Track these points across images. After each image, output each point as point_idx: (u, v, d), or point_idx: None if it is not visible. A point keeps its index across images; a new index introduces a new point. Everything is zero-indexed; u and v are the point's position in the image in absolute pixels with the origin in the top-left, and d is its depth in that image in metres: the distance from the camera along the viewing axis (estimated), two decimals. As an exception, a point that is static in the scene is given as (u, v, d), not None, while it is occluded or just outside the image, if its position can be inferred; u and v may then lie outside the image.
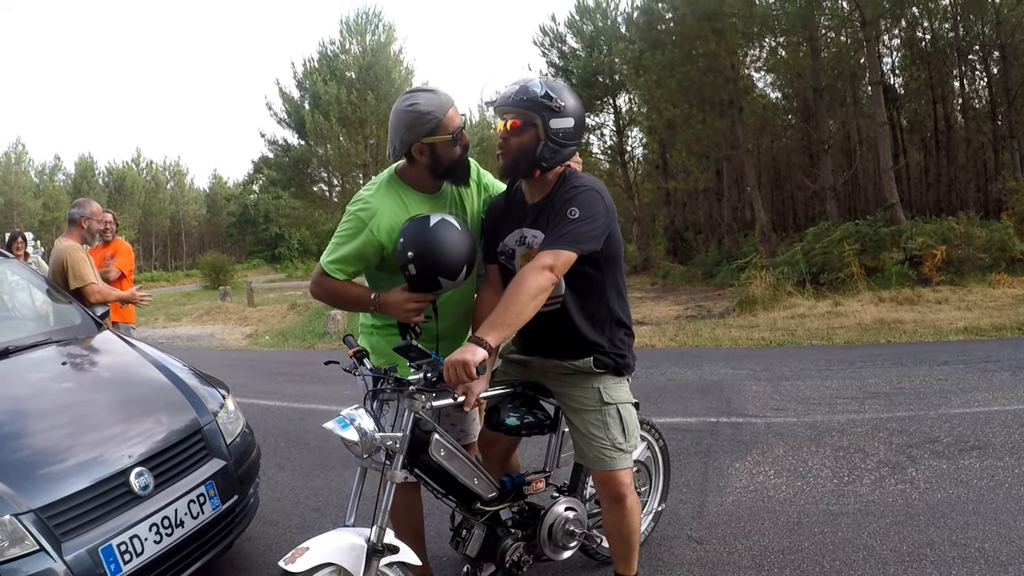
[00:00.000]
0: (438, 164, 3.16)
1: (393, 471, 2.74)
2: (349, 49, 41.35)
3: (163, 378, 4.14)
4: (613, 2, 38.47)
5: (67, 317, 4.93)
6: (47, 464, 3.11)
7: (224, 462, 3.76)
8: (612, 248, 3.05)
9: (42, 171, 74.29)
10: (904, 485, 4.90)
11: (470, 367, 2.57)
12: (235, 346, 16.47)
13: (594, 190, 2.97)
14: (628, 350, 3.24)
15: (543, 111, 2.90)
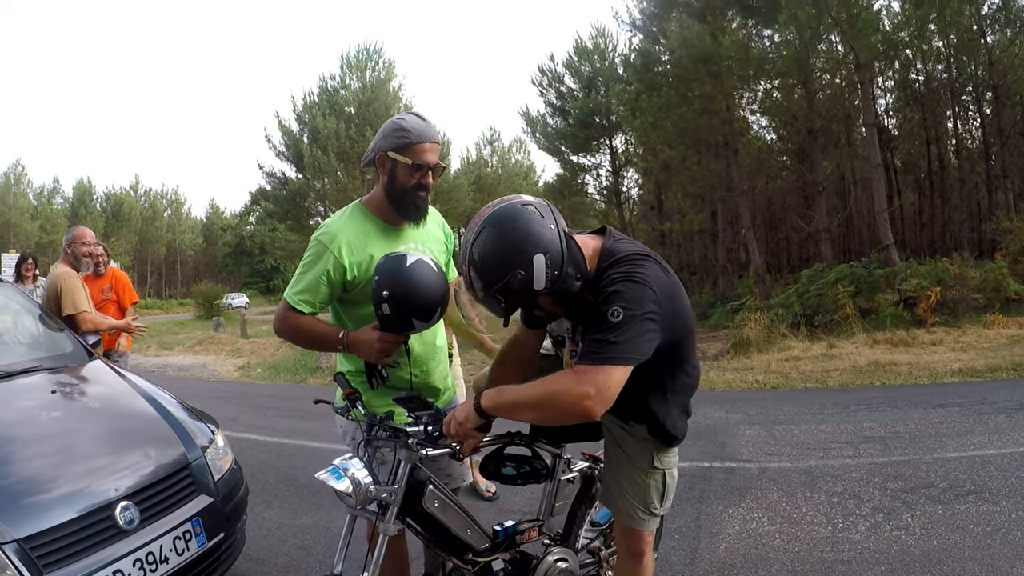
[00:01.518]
0: (392, 184, 3.08)
1: (387, 523, 2.67)
2: (349, 84, 41.59)
3: (152, 411, 4.10)
4: (611, 44, 38.76)
5: (58, 345, 4.90)
6: (32, 493, 3.06)
7: (211, 499, 3.70)
8: (677, 332, 2.59)
9: (40, 193, 74.61)
10: (899, 531, 4.85)
11: (466, 427, 2.59)
12: (227, 377, 16.39)
13: (641, 281, 2.41)
14: (683, 424, 2.93)
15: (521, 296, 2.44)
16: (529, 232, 2.38)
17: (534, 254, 2.35)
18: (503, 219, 2.42)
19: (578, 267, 2.48)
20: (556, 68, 39.72)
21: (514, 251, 2.36)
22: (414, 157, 3.01)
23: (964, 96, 29.50)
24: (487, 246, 2.39)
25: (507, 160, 60.10)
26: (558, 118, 39.71)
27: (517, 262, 2.35)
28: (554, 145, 39.38)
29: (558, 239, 2.42)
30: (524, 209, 2.43)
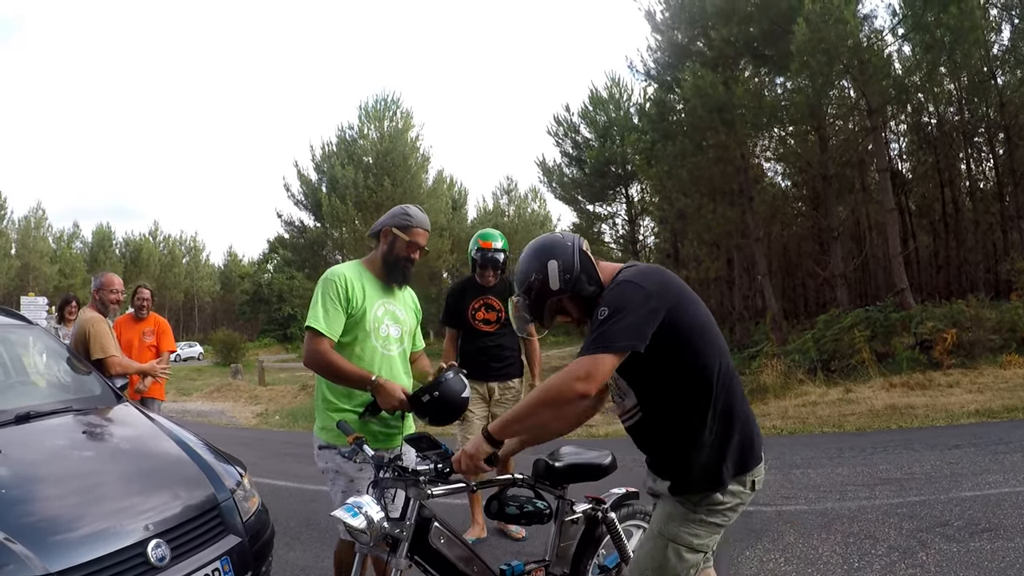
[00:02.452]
0: (389, 253, 3.93)
1: (399, 559, 2.85)
2: (367, 134, 41.99)
3: (181, 452, 4.22)
4: (625, 93, 39.12)
5: (87, 387, 5.05)
6: (67, 530, 3.16)
7: (240, 538, 3.79)
8: (680, 343, 2.68)
9: (60, 237, 75.42)
10: (915, 570, 4.90)
11: (477, 460, 2.79)
12: (245, 424, 16.49)
13: (628, 281, 2.70)
14: (718, 481, 2.75)
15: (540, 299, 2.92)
16: (545, 246, 2.92)
17: (548, 260, 2.85)
18: (533, 242, 3.02)
19: (590, 275, 2.86)
20: (572, 118, 40.07)
21: (534, 259, 2.90)
22: (411, 236, 3.91)
23: (976, 137, 29.63)
24: (520, 261, 2.97)
25: (524, 209, 60.39)
26: (574, 167, 39.96)
27: (536, 267, 2.87)
28: (570, 194, 39.64)
29: (571, 252, 2.87)
30: (546, 235, 3.02)
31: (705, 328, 2.77)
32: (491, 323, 6.14)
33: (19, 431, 3.95)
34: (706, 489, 2.75)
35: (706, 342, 2.74)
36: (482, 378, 6.12)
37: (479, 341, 6.17)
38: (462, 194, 56.78)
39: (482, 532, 6.07)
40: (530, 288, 2.89)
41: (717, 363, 2.73)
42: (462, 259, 48.51)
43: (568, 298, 2.88)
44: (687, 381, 2.72)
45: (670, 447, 2.84)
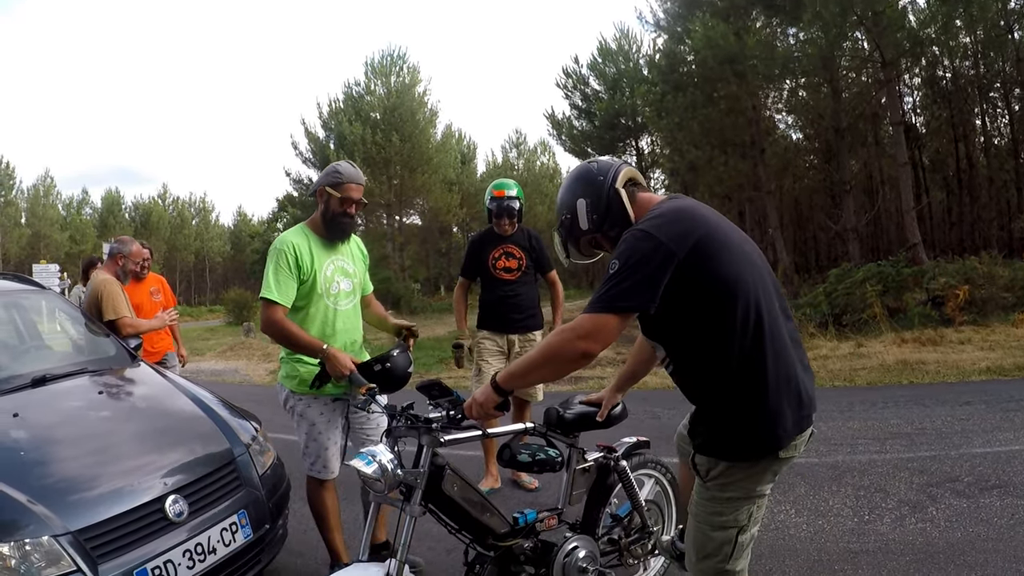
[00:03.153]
0: (326, 212, 4.17)
1: (412, 506, 2.88)
2: (374, 90, 41.80)
3: (197, 409, 4.28)
4: (635, 45, 38.85)
5: (102, 348, 5.09)
6: (84, 489, 3.22)
7: (256, 492, 3.87)
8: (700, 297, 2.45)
9: (69, 204, 75.21)
10: (924, 524, 4.94)
11: (487, 408, 2.76)
12: (259, 382, 16.59)
13: (643, 232, 2.46)
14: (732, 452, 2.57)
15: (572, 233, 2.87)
16: (578, 180, 2.85)
17: (578, 199, 2.78)
18: (569, 173, 3.01)
19: (619, 217, 2.73)
20: (581, 70, 39.91)
21: (567, 194, 2.86)
22: (343, 192, 4.12)
23: (992, 93, 29.25)
24: (559, 192, 2.94)
25: (533, 162, 60.11)
26: (583, 120, 39.81)
27: (567, 204, 2.83)
28: (580, 147, 39.48)
29: (603, 191, 2.75)
30: (585, 165, 2.91)
31: (731, 277, 2.46)
32: (512, 271, 6.09)
33: (36, 394, 4.00)
34: (715, 456, 2.59)
35: (730, 291, 2.45)
36: (501, 330, 6.12)
37: (499, 290, 6.11)
38: (471, 148, 56.46)
39: (496, 482, 6.12)
40: (562, 224, 2.87)
41: (740, 320, 2.45)
42: (471, 213, 48.61)
43: (601, 235, 2.80)
44: (702, 336, 2.50)
45: (696, 403, 2.70)
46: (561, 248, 2.96)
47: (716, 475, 2.60)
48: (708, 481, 2.63)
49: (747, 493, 2.60)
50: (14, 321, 5.23)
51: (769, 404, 2.49)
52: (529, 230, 6.29)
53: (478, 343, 6.20)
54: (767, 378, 2.48)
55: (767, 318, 2.50)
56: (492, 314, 6.10)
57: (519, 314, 6.12)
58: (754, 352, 2.47)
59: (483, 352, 6.13)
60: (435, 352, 19.18)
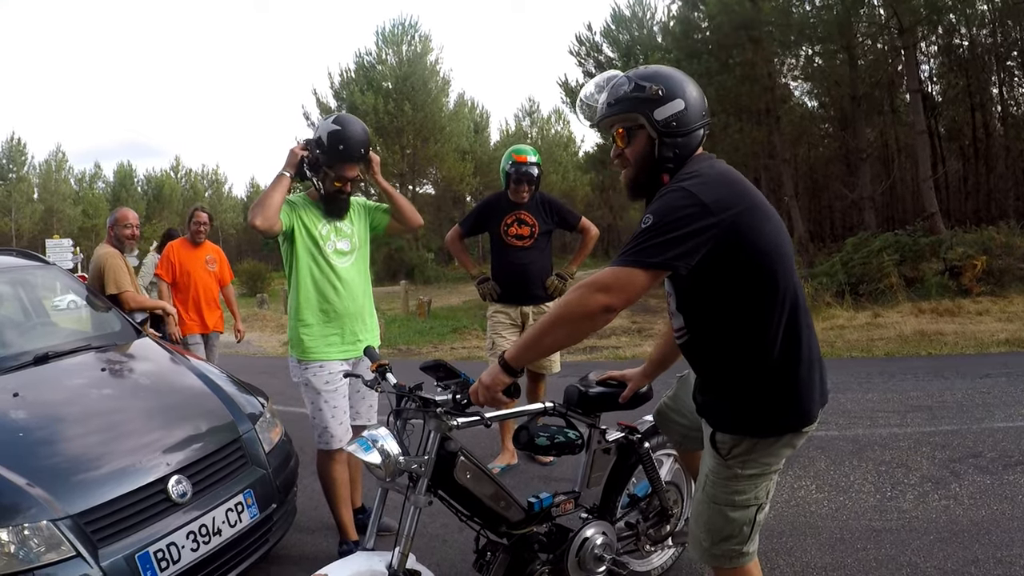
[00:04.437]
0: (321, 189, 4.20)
1: (417, 495, 2.71)
2: (385, 59, 41.73)
3: (202, 385, 4.20)
4: (649, 12, 38.56)
5: (106, 324, 5.01)
6: (84, 470, 3.15)
7: (263, 470, 3.80)
8: (737, 267, 2.31)
9: (82, 178, 75.21)
10: (948, 501, 4.83)
11: (494, 391, 2.53)
12: (272, 353, 16.57)
13: (683, 189, 2.28)
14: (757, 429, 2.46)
15: (641, 106, 2.43)
16: (688, 81, 2.48)
17: (677, 96, 2.42)
18: (683, 73, 2.55)
19: (684, 149, 2.46)
20: (594, 37, 39.64)
21: (667, 78, 2.46)
22: (337, 172, 4.10)
23: (1009, 61, 28.86)
24: (645, 68, 2.55)
25: (547, 131, 59.91)
26: (611, 75, 39.46)
27: (658, 83, 2.43)
28: (593, 115, 39.18)
29: (700, 111, 2.47)
30: None
31: (772, 250, 2.34)
32: (524, 238, 5.85)
33: (38, 372, 3.92)
34: (742, 433, 2.47)
35: (772, 266, 2.33)
36: (514, 301, 5.92)
37: (511, 256, 5.87)
38: (484, 117, 56.36)
39: (513, 458, 5.97)
40: (639, 91, 2.44)
41: (782, 293, 2.35)
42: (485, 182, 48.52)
43: (642, 142, 2.49)
44: (741, 310, 2.37)
45: (716, 379, 2.56)
46: (590, 111, 2.66)
47: (739, 452, 2.48)
48: (729, 459, 2.50)
49: (766, 469, 2.51)
50: (19, 298, 5.16)
51: (803, 377, 2.42)
52: (543, 195, 6.05)
53: (490, 317, 6.03)
54: (801, 351, 2.41)
55: (799, 290, 2.44)
56: (504, 284, 5.90)
57: (532, 285, 5.90)
58: (792, 325, 2.39)
59: (496, 326, 5.95)
60: (449, 322, 19.18)
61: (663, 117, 2.41)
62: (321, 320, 4.17)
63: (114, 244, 6.46)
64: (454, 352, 14.06)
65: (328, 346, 4.17)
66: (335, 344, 4.19)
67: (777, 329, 2.37)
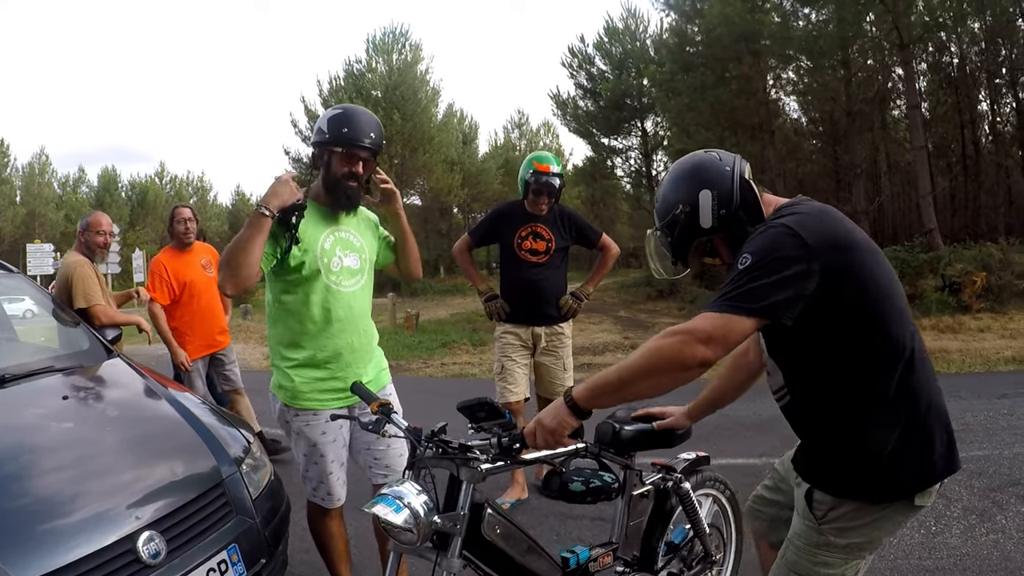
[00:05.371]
0: (328, 176, 3.36)
1: (451, 559, 2.28)
2: (375, 68, 41.58)
3: (179, 418, 3.60)
4: (642, 25, 38.55)
5: (74, 341, 4.47)
6: (39, 524, 2.58)
7: (249, 520, 3.21)
8: (846, 312, 2.05)
9: (65, 182, 74.38)
10: (996, 535, 4.52)
11: (560, 436, 2.20)
12: (256, 366, 16.07)
13: (784, 226, 2.04)
14: (873, 478, 2.13)
15: (688, 233, 2.32)
16: (699, 170, 2.32)
17: (700, 190, 2.27)
18: (681, 162, 2.42)
19: (752, 211, 2.26)
20: (587, 49, 39.76)
21: (682, 185, 2.32)
22: (348, 149, 3.28)
23: (998, 79, 28.94)
24: (662, 187, 2.41)
25: (536, 144, 59.83)
26: (588, 100, 39.74)
27: (684, 196, 2.29)
28: (585, 127, 39.34)
29: (730, 180, 2.27)
30: (703, 153, 2.40)
31: (885, 293, 2.11)
32: (539, 254, 5.44)
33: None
34: (845, 495, 2.17)
35: (884, 312, 2.09)
36: (525, 321, 5.50)
37: (524, 273, 5.44)
38: (473, 128, 56.07)
39: (523, 492, 5.50)
40: (674, 223, 2.31)
41: (895, 342, 2.09)
42: (472, 194, 48.36)
43: (721, 238, 2.30)
44: (850, 365, 2.10)
45: (823, 442, 2.25)
46: (662, 255, 2.45)
47: (837, 517, 2.17)
48: (824, 523, 2.19)
49: (863, 542, 2.20)
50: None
51: (920, 436, 2.12)
52: (562, 207, 5.65)
53: (499, 338, 5.60)
54: (919, 406, 2.12)
55: (916, 339, 2.16)
56: (515, 302, 5.49)
57: (546, 304, 5.50)
58: (907, 378, 2.10)
59: (505, 348, 5.52)
60: (438, 336, 18.78)
61: (709, 219, 2.27)
62: (318, 358, 3.40)
63: (84, 252, 5.86)
64: (445, 368, 13.66)
65: (325, 392, 3.42)
66: (335, 390, 3.43)
67: (890, 384, 2.09)
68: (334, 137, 3.27)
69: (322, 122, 3.35)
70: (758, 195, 2.29)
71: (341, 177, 3.32)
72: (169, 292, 6.33)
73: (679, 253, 2.38)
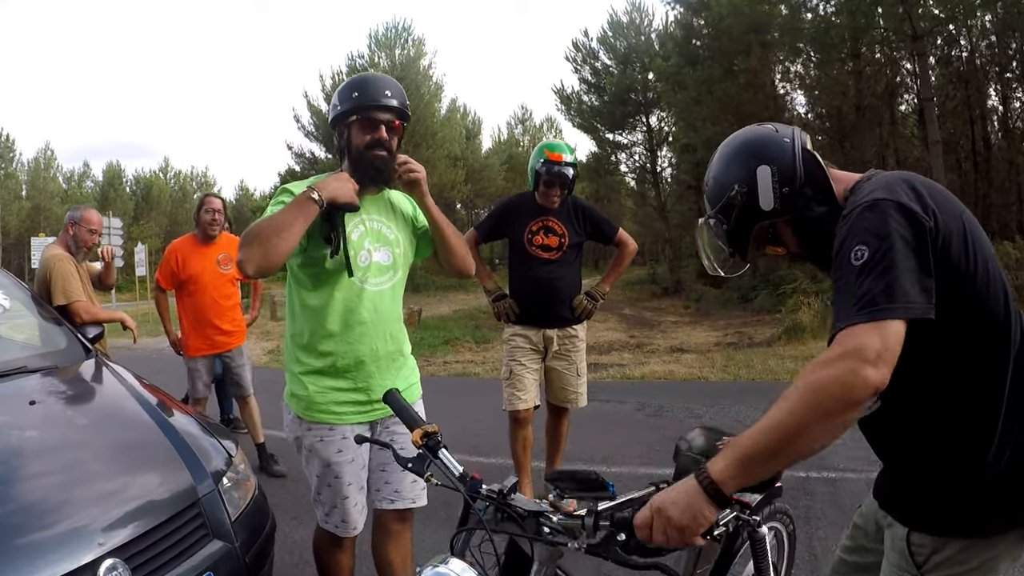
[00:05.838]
0: (350, 149, 2.94)
1: None
2: (378, 63, 41.32)
3: (154, 426, 3.26)
4: (646, 19, 38.29)
5: (50, 340, 4.13)
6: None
7: (228, 545, 2.85)
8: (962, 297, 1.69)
9: (70, 177, 74.39)
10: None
11: (693, 534, 1.59)
12: (255, 363, 15.63)
13: (894, 203, 1.65)
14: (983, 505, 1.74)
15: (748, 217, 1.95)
16: (754, 144, 1.98)
17: (758, 165, 1.92)
18: (731, 139, 2.07)
19: (819, 188, 1.90)
20: (591, 44, 39.47)
21: (735, 163, 1.99)
22: (370, 114, 2.87)
23: (1008, 73, 28.50)
24: (713, 166, 2.06)
25: (539, 139, 59.55)
26: (593, 95, 39.51)
27: (738, 175, 1.95)
28: (589, 122, 39.03)
29: (791, 154, 1.91)
30: (756, 126, 2.06)
31: (992, 273, 1.73)
32: (551, 250, 5.05)
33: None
34: (951, 532, 1.77)
35: (996, 295, 1.72)
36: (536, 323, 5.10)
37: (535, 271, 5.05)
38: (476, 124, 55.95)
39: None
40: (729, 207, 1.95)
41: (1011, 333, 1.73)
42: (475, 190, 48.11)
43: (785, 222, 1.94)
44: (958, 361, 1.73)
45: (916, 461, 1.85)
46: (716, 248, 2.07)
47: (943, 560, 1.77)
48: (927, 569, 1.79)
49: None
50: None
51: None
52: (576, 200, 5.26)
53: (508, 340, 5.22)
54: None
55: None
56: (526, 303, 5.11)
57: (558, 304, 5.10)
58: (1021, 375, 1.73)
59: (514, 352, 5.12)
60: (440, 332, 18.46)
61: (770, 200, 1.91)
62: (338, 366, 2.95)
63: (68, 246, 5.55)
64: (448, 367, 13.29)
65: (344, 404, 2.98)
66: (356, 402, 3.00)
67: (1004, 384, 1.71)
68: (348, 105, 2.86)
69: (334, 99, 2.95)
70: (824, 168, 1.94)
71: (365, 148, 2.87)
72: (170, 280, 6.19)
73: (738, 242, 2.01)
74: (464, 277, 3.39)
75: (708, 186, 2.06)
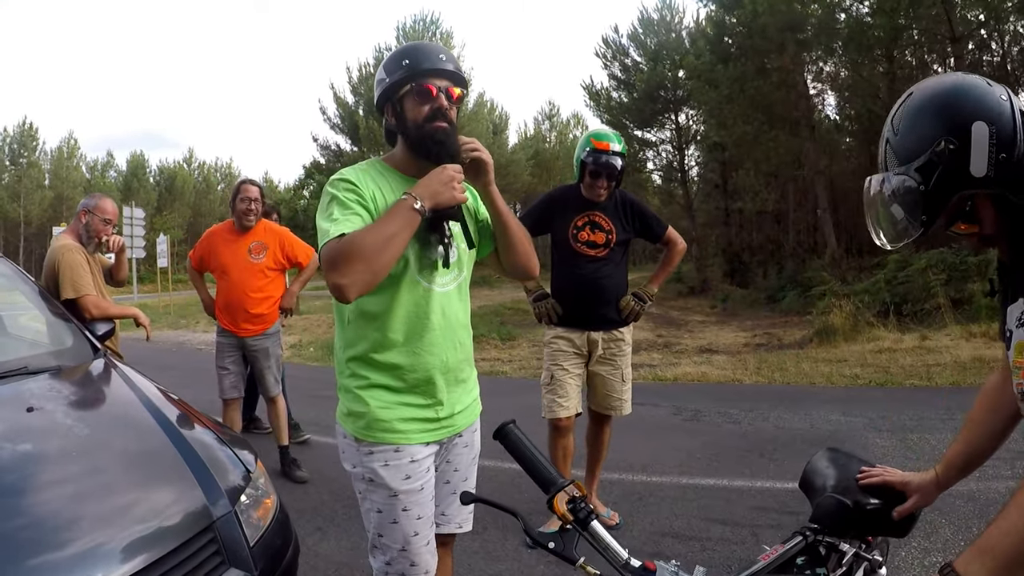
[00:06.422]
0: (404, 124, 2.54)
1: None
2: (405, 56, 41.24)
3: (164, 438, 2.95)
4: (677, 16, 38.19)
5: (56, 337, 3.88)
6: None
7: (246, 574, 2.57)
8: None
9: (93, 167, 74.60)
10: None
11: None
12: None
13: None
14: None
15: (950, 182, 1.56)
16: (966, 94, 1.58)
17: (974, 120, 1.53)
18: (935, 82, 1.67)
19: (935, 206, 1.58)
20: (621, 40, 39.52)
21: (944, 114, 1.58)
22: (422, 82, 2.49)
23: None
24: (909, 110, 1.64)
25: (565, 136, 59.29)
26: (622, 91, 39.53)
27: (947, 129, 1.55)
28: (618, 119, 38.97)
29: (1011, 113, 1.54)
30: (962, 77, 1.64)
31: None
32: (598, 247, 4.76)
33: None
34: None
35: None
36: (580, 325, 4.81)
37: (579, 269, 4.75)
38: (503, 119, 55.56)
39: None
40: (931, 165, 1.56)
41: None
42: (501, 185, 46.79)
43: (989, 197, 1.59)
44: None
45: None
46: (892, 215, 1.69)
47: None
48: None
49: None
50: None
51: None
52: (624, 194, 4.96)
53: (549, 343, 4.91)
54: None
55: None
56: (569, 304, 4.80)
57: (604, 306, 4.80)
58: None
59: (556, 355, 4.81)
60: (465, 330, 18.22)
61: (983, 165, 1.53)
62: (407, 380, 2.56)
63: (80, 235, 5.20)
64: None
65: (411, 421, 2.56)
66: (423, 418, 2.59)
67: None
68: (400, 74, 2.48)
69: (379, 73, 2.58)
70: None
71: (424, 121, 2.48)
72: (198, 263, 6.16)
73: (932, 209, 1.61)
74: (527, 279, 3.15)
75: (897, 137, 1.66)
